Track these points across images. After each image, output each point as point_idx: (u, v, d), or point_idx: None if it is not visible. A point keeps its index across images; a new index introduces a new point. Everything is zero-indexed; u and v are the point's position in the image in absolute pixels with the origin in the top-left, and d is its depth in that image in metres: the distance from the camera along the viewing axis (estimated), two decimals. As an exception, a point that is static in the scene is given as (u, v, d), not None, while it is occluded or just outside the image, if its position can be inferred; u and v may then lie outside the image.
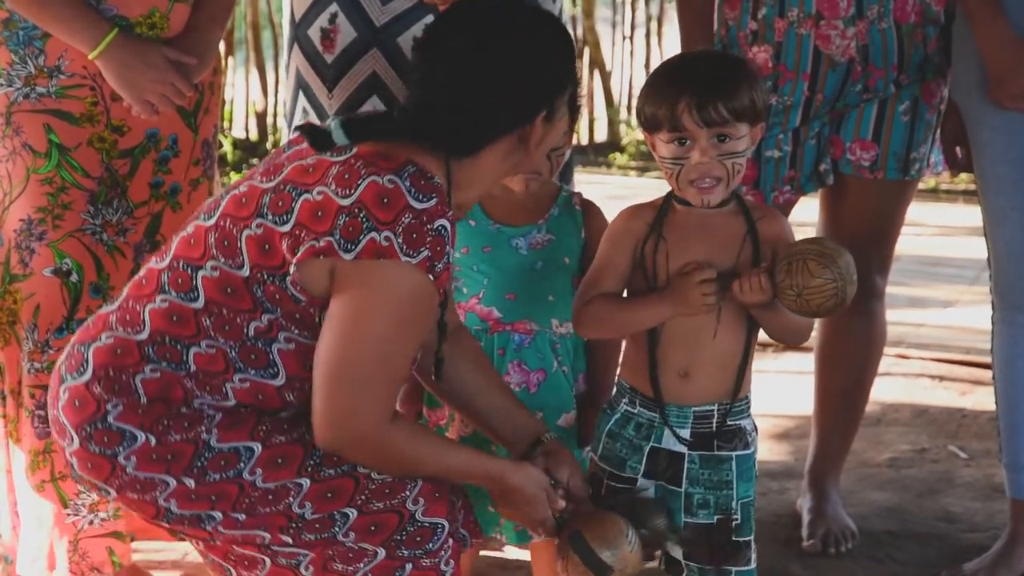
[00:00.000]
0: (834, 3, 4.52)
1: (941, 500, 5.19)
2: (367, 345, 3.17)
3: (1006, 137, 4.43)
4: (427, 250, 3.15)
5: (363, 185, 3.14)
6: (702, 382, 3.75)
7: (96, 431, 3.19)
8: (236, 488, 3.22)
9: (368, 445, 3.23)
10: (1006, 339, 4.60)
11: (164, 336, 3.24)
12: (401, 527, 3.38)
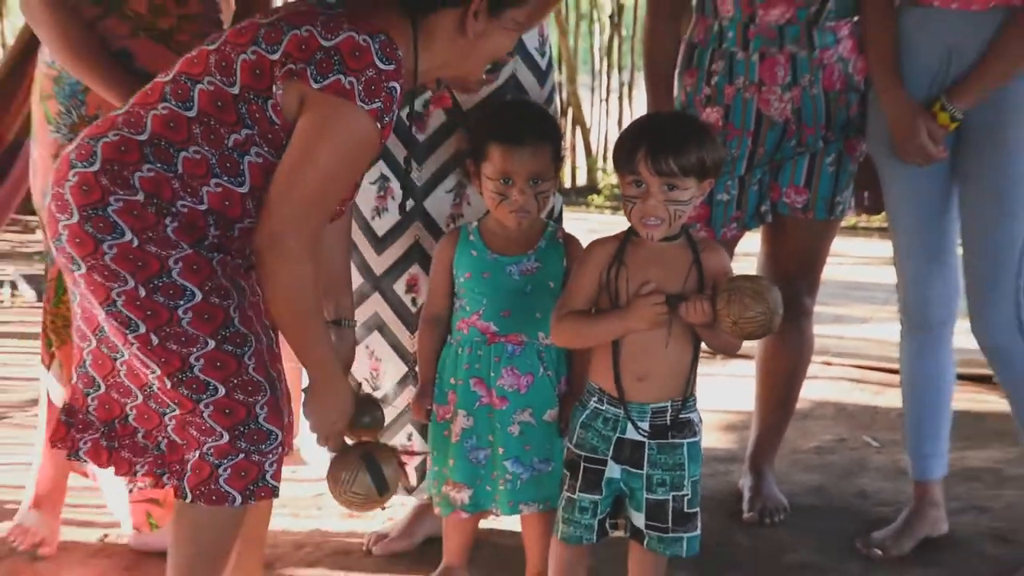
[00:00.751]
0: (773, 73, 4.60)
1: (856, 481, 5.23)
2: (314, 172, 3.30)
3: (909, 185, 4.57)
4: (380, 102, 3.31)
5: (343, 35, 3.27)
6: (657, 384, 3.83)
7: (95, 216, 3.26)
8: (167, 315, 3.28)
9: (285, 259, 3.28)
10: (910, 351, 4.71)
11: (160, 139, 3.30)
12: (247, 421, 3.37)
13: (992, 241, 4.43)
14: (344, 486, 3.47)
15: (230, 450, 3.36)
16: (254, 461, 3.40)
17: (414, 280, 4.48)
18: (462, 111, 4.44)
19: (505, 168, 3.98)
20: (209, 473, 3.37)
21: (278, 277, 3.32)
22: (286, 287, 3.33)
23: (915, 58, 4.47)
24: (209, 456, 3.36)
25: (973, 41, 4.36)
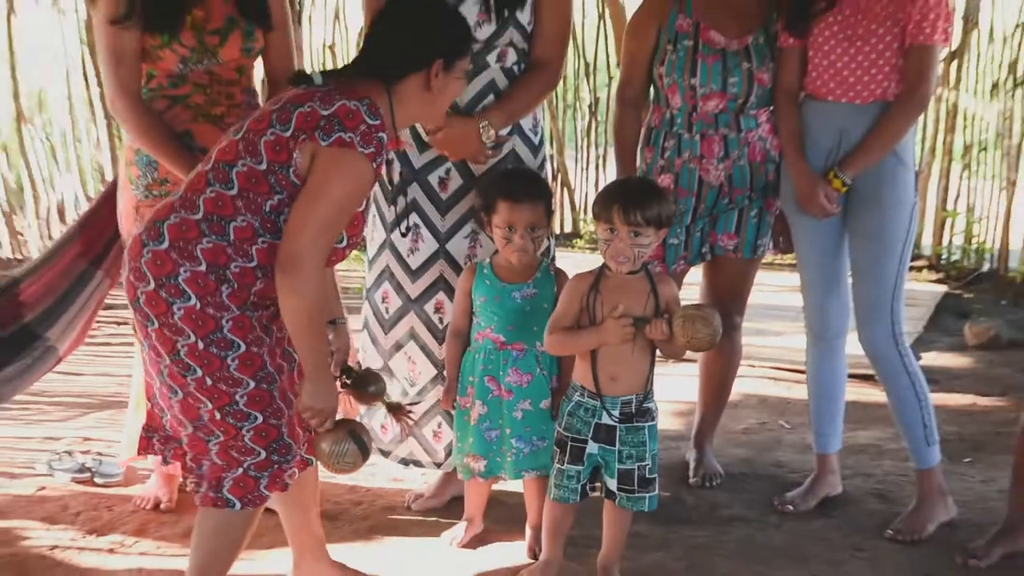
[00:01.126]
0: (711, 149, 4.65)
1: (774, 454, 5.30)
2: (326, 205, 3.28)
3: (812, 233, 4.63)
4: (373, 148, 3.31)
5: (337, 104, 3.30)
6: (625, 383, 3.95)
7: (168, 283, 3.30)
8: (219, 363, 3.33)
9: (298, 273, 3.25)
10: (813, 357, 4.73)
11: (212, 216, 3.31)
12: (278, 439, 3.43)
13: (873, 275, 4.52)
14: (336, 455, 3.42)
15: (267, 464, 3.43)
16: (284, 469, 3.47)
17: (440, 304, 4.49)
18: (475, 176, 4.41)
19: (510, 219, 4.06)
20: (254, 486, 3.42)
21: (297, 290, 3.27)
22: (303, 298, 3.28)
23: (815, 138, 4.52)
24: (251, 471, 3.41)
25: (858, 126, 4.43)
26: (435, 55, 3.46)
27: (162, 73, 4.22)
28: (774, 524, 4.62)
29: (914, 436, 4.57)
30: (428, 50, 3.46)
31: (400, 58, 3.48)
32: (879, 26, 4.40)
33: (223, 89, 4.32)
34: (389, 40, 3.53)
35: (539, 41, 4.44)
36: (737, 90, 4.61)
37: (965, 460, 5.28)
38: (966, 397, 6.00)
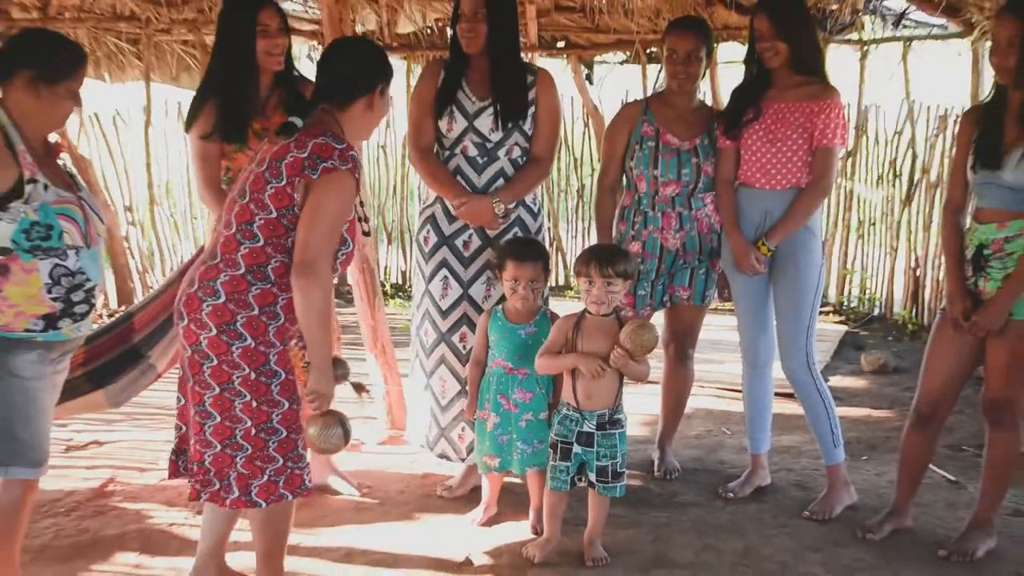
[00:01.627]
0: (669, 223, 4.59)
1: (719, 454, 5.21)
2: (326, 218, 3.20)
3: (745, 286, 4.54)
4: (350, 164, 3.23)
5: (310, 144, 3.20)
6: (598, 401, 3.94)
7: (228, 329, 3.20)
8: (265, 389, 3.25)
9: (313, 277, 3.16)
10: (747, 380, 4.64)
11: (253, 267, 3.22)
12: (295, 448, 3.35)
13: (792, 318, 4.46)
14: (326, 436, 3.26)
15: (283, 469, 3.33)
16: (298, 474, 3.37)
17: (464, 335, 4.44)
18: (490, 238, 4.39)
19: (515, 275, 4.04)
20: (275, 487, 3.32)
21: (313, 292, 3.18)
22: (317, 299, 3.20)
23: (746, 216, 4.47)
24: (274, 476, 3.31)
25: (778, 207, 4.40)
26: (378, 81, 3.42)
27: (236, 168, 4.13)
28: (719, 507, 4.56)
29: (824, 440, 4.52)
30: (373, 78, 3.41)
31: (351, 86, 3.40)
32: (793, 132, 4.39)
33: None
34: (343, 74, 3.43)
35: (536, 142, 4.48)
36: (688, 179, 4.57)
37: (863, 458, 5.22)
38: (863, 410, 5.98)
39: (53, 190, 3.27)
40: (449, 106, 4.41)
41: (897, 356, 7.01)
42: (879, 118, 8.27)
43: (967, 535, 4.13)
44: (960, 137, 4.09)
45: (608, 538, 4.11)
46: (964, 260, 3.99)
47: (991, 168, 3.87)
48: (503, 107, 4.37)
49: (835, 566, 4.02)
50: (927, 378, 4.16)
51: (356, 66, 3.44)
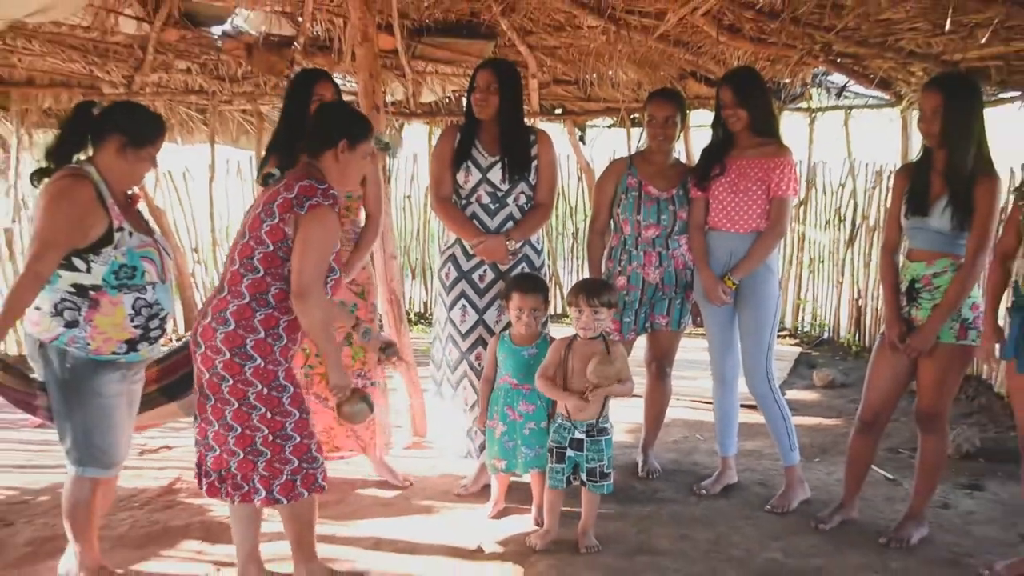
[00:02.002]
0: (650, 261, 4.57)
1: (693, 457, 5.06)
2: (316, 247, 3.18)
3: (714, 314, 4.52)
4: (332, 200, 3.25)
5: (297, 187, 3.22)
6: (586, 414, 3.94)
7: (240, 351, 3.19)
8: (277, 402, 3.24)
9: (311, 299, 3.16)
10: (717, 393, 4.61)
11: (256, 294, 3.20)
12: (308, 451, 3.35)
13: (754, 341, 4.44)
14: (355, 412, 3.37)
15: (299, 470, 3.32)
16: (311, 473, 3.35)
17: (479, 355, 4.43)
18: (502, 272, 4.43)
19: (520, 305, 4.06)
20: (293, 486, 3.30)
21: (313, 312, 3.19)
22: (317, 317, 3.21)
23: (714, 255, 4.46)
24: (291, 476, 3.30)
25: (741, 247, 4.40)
26: (339, 137, 3.35)
27: None
28: (693, 502, 4.52)
29: (782, 444, 4.50)
30: (334, 133, 3.36)
31: (318, 141, 3.38)
32: (753, 184, 4.39)
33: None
34: (314, 129, 3.45)
35: (539, 191, 4.52)
36: (666, 223, 4.56)
37: (815, 460, 5.18)
38: (815, 419, 5.93)
39: (136, 236, 3.38)
40: (465, 162, 4.44)
41: (843, 373, 6.99)
42: (826, 173, 8.30)
43: (903, 525, 4.12)
44: (895, 189, 4.10)
45: (599, 529, 4.07)
46: (899, 292, 4.00)
47: (920, 215, 3.90)
48: (511, 162, 4.41)
49: (793, 552, 3.99)
50: (869, 392, 4.15)
51: (324, 125, 3.43)
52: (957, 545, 4.08)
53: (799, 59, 6.08)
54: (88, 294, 3.30)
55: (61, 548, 3.83)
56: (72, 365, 3.31)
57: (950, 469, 4.83)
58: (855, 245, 7.90)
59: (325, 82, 4.33)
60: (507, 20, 6.96)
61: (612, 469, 4.05)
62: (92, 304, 3.30)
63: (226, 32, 7.33)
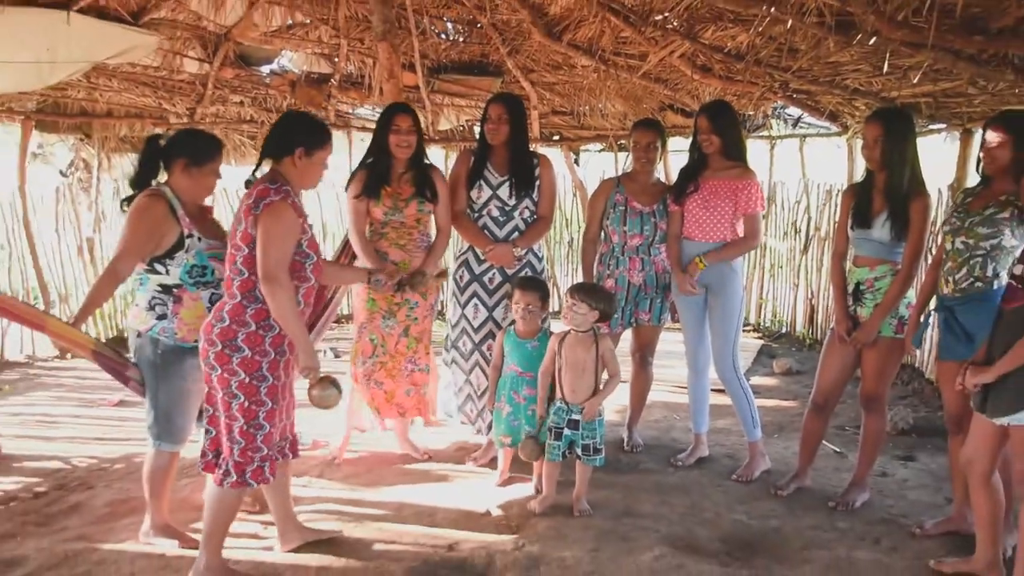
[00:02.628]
0: (634, 266, 4.55)
1: (671, 434, 5.05)
2: (273, 240, 3.03)
3: (688, 311, 4.50)
4: (284, 195, 3.08)
5: (254, 191, 3.10)
6: (580, 396, 3.92)
7: (231, 344, 3.06)
8: (256, 391, 3.10)
9: (275, 285, 3.01)
10: (691, 380, 4.59)
11: (246, 291, 3.08)
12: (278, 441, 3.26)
13: (722, 335, 4.41)
14: (324, 396, 3.17)
15: (268, 457, 3.19)
16: (276, 459, 3.25)
17: (489, 346, 4.39)
18: (508, 275, 4.40)
19: (519, 300, 4.05)
20: (261, 472, 3.18)
21: (279, 297, 3.03)
22: (282, 299, 3.03)
23: (688, 260, 4.39)
24: (260, 463, 3.17)
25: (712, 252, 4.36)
26: (296, 145, 3.18)
27: (376, 222, 4.32)
28: (671, 472, 4.51)
29: (747, 422, 4.48)
30: (291, 141, 3.19)
31: (277, 146, 3.22)
32: (723, 201, 4.38)
33: (406, 232, 4.34)
34: (274, 136, 3.26)
35: (541, 206, 4.52)
36: (649, 234, 4.55)
37: (774, 436, 5.17)
38: (774, 401, 5.91)
39: (205, 240, 3.46)
40: (478, 181, 4.44)
41: (798, 362, 6.95)
42: (784, 192, 8.28)
43: (849, 491, 4.13)
44: (842, 205, 4.09)
45: (590, 496, 4.06)
46: (846, 293, 4.00)
47: (864, 227, 3.91)
48: (517, 181, 4.41)
49: (755, 514, 3.99)
50: (820, 378, 4.15)
51: (283, 134, 3.25)
52: (894, 507, 4.09)
53: (761, 94, 6.08)
54: (172, 292, 3.42)
55: (134, 509, 3.89)
56: (163, 351, 3.41)
57: (888, 444, 4.85)
58: (809, 253, 7.88)
59: (403, 115, 4.28)
60: (512, 60, 7.03)
61: (603, 445, 4.02)
62: (176, 300, 3.41)
63: (273, 71, 7.42)
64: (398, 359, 4.44)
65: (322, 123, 3.34)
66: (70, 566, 3.43)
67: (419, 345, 4.48)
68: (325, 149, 3.28)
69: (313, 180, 3.31)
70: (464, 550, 3.57)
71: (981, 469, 3.23)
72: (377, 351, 4.41)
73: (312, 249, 3.21)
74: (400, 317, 4.39)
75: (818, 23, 4.14)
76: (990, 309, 3.33)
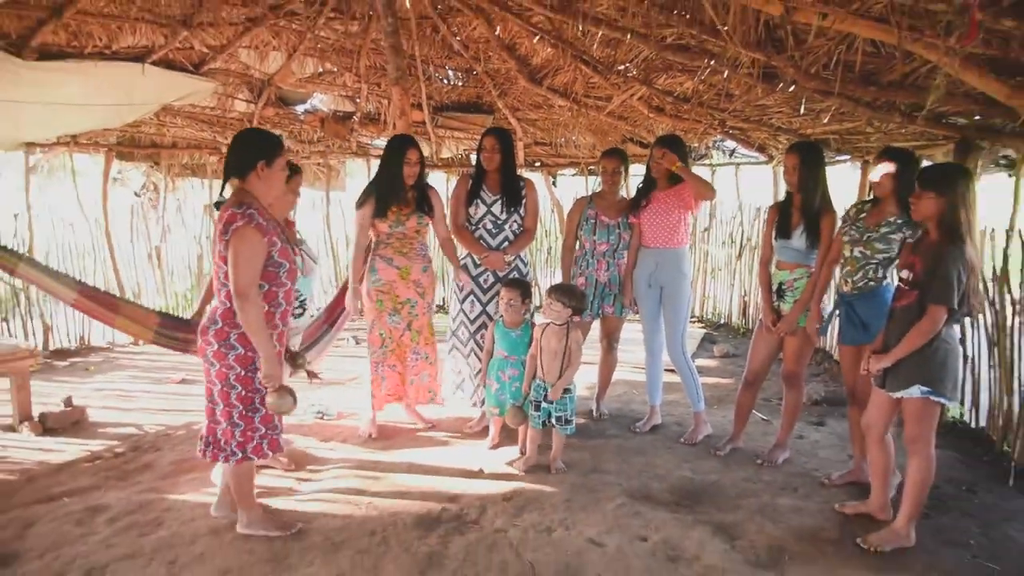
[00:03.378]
0: (601, 267, 4.52)
1: (631, 406, 4.98)
2: (241, 260, 2.79)
3: (646, 305, 4.46)
4: (247, 219, 2.81)
5: (225, 216, 2.83)
6: (553, 376, 3.89)
7: (225, 343, 2.91)
8: (251, 382, 2.96)
9: (245, 301, 2.80)
10: (648, 362, 4.55)
11: (232, 300, 2.86)
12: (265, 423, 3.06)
13: (673, 324, 4.39)
14: (280, 403, 2.95)
15: (266, 435, 3.08)
16: (275, 438, 3.11)
17: (483, 335, 4.34)
18: (499, 276, 4.35)
19: (508, 298, 4.01)
20: (261, 448, 3.07)
21: (248, 311, 2.83)
22: (250, 313, 2.83)
23: (645, 264, 4.42)
24: (260, 440, 3.07)
25: (664, 258, 4.37)
26: (257, 159, 2.91)
27: (382, 234, 4.23)
28: (631, 437, 4.48)
29: (692, 396, 4.47)
30: (252, 156, 2.92)
31: (240, 165, 2.93)
32: (673, 209, 4.37)
33: (408, 241, 4.26)
34: (234, 158, 2.95)
35: (527, 220, 4.48)
36: (614, 242, 4.54)
37: (714, 407, 5.13)
38: (715, 379, 5.88)
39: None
40: (475, 199, 4.40)
41: (734, 347, 6.94)
42: (722, 209, 8.26)
43: (773, 451, 4.15)
44: (768, 220, 4.09)
45: (564, 457, 4.05)
46: (772, 291, 4.00)
47: (785, 238, 3.92)
48: (507, 200, 4.37)
49: (698, 470, 3.99)
50: (751, 360, 4.15)
51: (241, 153, 2.96)
52: (808, 463, 4.10)
53: (704, 130, 6.10)
54: None
55: (194, 467, 3.91)
56: None
57: (804, 412, 4.88)
58: (742, 259, 7.90)
59: (413, 149, 4.17)
60: (502, 101, 7.04)
61: (575, 416, 4.00)
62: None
63: (307, 109, 7.40)
64: (403, 349, 4.39)
65: (272, 134, 3.07)
66: (144, 512, 3.46)
67: (420, 337, 4.41)
68: (282, 156, 3.01)
69: (278, 187, 3.05)
70: (462, 502, 3.57)
71: (878, 432, 3.28)
72: (386, 342, 4.35)
73: (284, 257, 2.99)
74: (403, 314, 4.32)
75: (749, 74, 4.18)
76: (881, 303, 3.41)
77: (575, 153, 8.32)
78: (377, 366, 4.37)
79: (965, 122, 4.15)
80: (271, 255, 2.94)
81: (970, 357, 4.35)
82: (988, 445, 4.16)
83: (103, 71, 4.87)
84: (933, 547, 3.16)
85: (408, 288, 4.27)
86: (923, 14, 2.68)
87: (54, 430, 4.56)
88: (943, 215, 2.97)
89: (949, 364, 3.02)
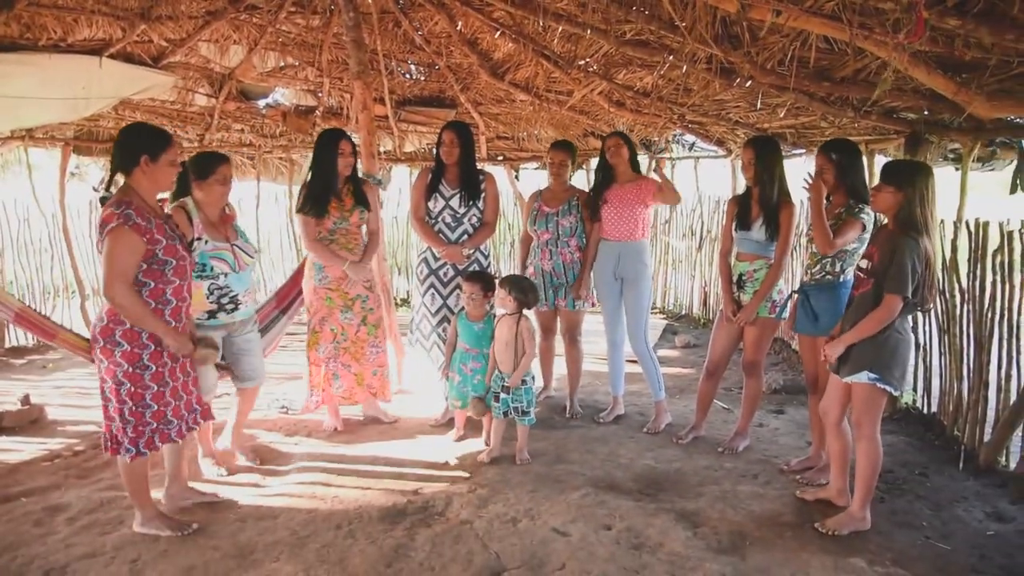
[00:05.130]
0: (545, 256, 4.53)
1: (595, 397, 4.91)
2: (110, 258, 2.72)
3: (607, 298, 4.49)
4: (122, 219, 2.73)
5: (103, 217, 2.76)
6: (506, 366, 3.92)
7: (110, 340, 2.83)
8: (140, 379, 2.89)
9: (112, 294, 2.74)
10: (610, 353, 4.55)
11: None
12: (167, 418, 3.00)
13: (635, 316, 4.41)
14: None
15: (157, 430, 2.99)
16: (166, 431, 3.01)
17: (445, 328, 4.31)
18: (459, 269, 4.31)
19: (469, 292, 4.00)
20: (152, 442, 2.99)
21: (120, 303, 2.76)
22: (126, 307, 2.76)
23: (606, 257, 4.44)
24: (151, 435, 2.98)
25: (625, 251, 4.40)
26: (140, 154, 2.84)
27: (325, 229, 4.13)
28: (594, 427, 4.49)
29: (654, 386, 4.50)
30: (136, 151, 2.85)
31: (123, 160, 2.86)
32: (632, 202, 4.39)
33: (352, 236, 4.19)
34: (119, 152, 2.88)
35: (486, 214, 4.44)
36: (553, 230, 4.54)
37: (676, 396, 5.18)
38: (676, 369, 5.93)
39: (212, 243, 3.50)
40: (435, 193, 4.36)
41: (695, 337, 7.02)
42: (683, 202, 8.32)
43: (734, 439, 4.18)
44: (727, 212, 4.11)
45: (529, 447, 4.07)
46: (732, 282, 4.03)
47: (744, 230, 3.95)
48: (466, 193, 4.33)
49: (661, 459, 4.01)
50: (712, 350, 4.17)
51: (126, 147, 2.88)
52: (768, 450, 4.14)
53: (663, 124, 6.13)
54: None
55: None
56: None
57: (764, 401, 4.92)
58: (702, 251, 7.98)
59: (346, 140, 4.12)
60: (464, 95, 6.99)
61: (532, 407, 3.97)
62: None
63: (268, 103, 7.30)
64: (360, 345, 4.29)
65: (161, 129, 2.98)
66: (105, 510, 3.41)
67: (377, 331, 4.34)
68: (168, 152, 2.92)
69: (165, 182, 2.96)
70: (427, 494, 3.56)
71: (834, 417, 3.32)
72: (338, 338, 4.26)
73: (170, 255, 2.91)
74: (356, 310, 4.24)
75: (707, 69, 4.20)
76: (836, 296, 3.47)
77: (537, 147, 8.31)
78: (328, 362, 4.27)
79: (915, 117, 4.22)
80: (154, 253, 2.87)
81: (922, 345, 4.44)
82: (940, 430, 4.25)
83: (58, 64, 4.74)
84: (888, 529, 3.21)
85: (356, 284, 4.19)
86: (873, 12, 2.73)
87: (11, 429, 4.46)
88: (900, 208, 3.02)
89: (899, 353, 3.06)
